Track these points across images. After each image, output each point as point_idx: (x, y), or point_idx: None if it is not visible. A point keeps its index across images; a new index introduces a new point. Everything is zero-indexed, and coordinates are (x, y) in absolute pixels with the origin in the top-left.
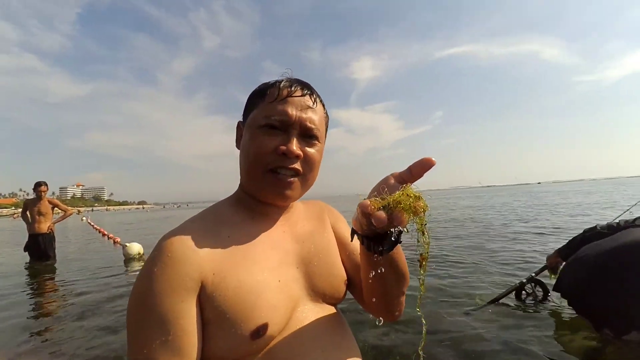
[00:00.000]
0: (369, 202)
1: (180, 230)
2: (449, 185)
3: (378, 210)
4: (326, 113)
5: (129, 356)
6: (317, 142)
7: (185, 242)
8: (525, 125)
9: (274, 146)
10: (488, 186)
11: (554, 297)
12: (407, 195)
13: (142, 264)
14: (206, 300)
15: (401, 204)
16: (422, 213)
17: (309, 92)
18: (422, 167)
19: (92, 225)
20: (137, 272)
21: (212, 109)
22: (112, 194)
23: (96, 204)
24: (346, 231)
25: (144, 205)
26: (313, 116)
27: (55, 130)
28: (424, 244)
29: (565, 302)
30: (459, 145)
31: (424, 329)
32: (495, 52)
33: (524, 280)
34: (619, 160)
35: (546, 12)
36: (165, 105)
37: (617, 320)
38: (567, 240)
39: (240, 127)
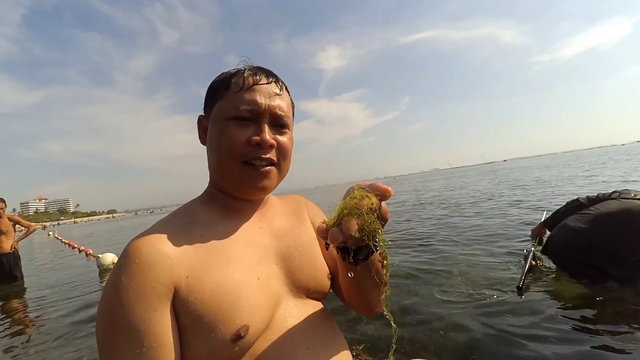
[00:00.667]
0: (324, 225)
1: (148, 233)
2: (419, 169)
3: (332, 227)
4: (292, 100)
5: None
6: (287, 130)
7: (154, 246)
8: (488, 106)
9: (246, 137)
10: (457, 167)
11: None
12: (353, 197)
13: None
14: (181, 306)
15: (346, 209)
16: (368, 212)
17: (274, 79)
18: (381, 191)
19: (61, 240)
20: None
21: (176, 108)
22: (78, 205)
23: (62, 217)
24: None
25: (114, 214)
26: (281, 103)
27: (4, 143)
28: (380, 242)
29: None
30: (427, 129)
31: (393, 328)
32: (455, 37)
33: (532, 255)
34: (576, 134)
35: None
36: (124, 107)
37: (594, 271)
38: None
39: (202, 121)
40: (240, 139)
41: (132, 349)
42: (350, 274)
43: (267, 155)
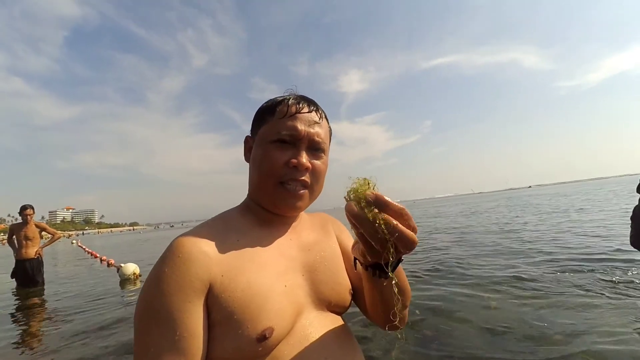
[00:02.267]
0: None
1: (191, 233)
2: (442, 193)
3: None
4: (330, 127)
5: (136, 354)
6: (323, 155)
7: (196, 244)
8: (510, 131)
9: (285, 159)
10: (480, 192)
11: None
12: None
13: (139, 284)
14: (214, 302)
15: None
16: (364, 190)
17: (314, 109)
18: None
19: (84, 249)
20: (134, 293)
21: (203, 127)
22: (103, 216)
23: (87, 227)
24: (349, 242)
25: (135, 227)
26: (319, 130)
27: (42, 153)
28: (384, 235)
29: None
30: (449, 153)
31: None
32: (477, 62)
33: None
34: (603, 161)
35: (520, 19)
36: (155, 124)
37: None
38: None
39: (248, 140)
40: (280, 160)
41: (166, 335)
42: (383, 291)
43: (303, 178)
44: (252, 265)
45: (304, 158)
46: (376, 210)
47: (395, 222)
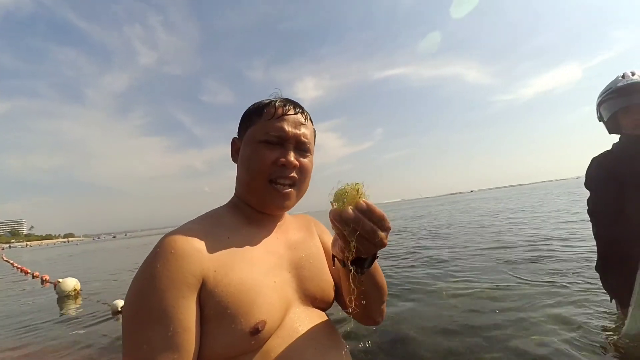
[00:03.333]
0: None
1: (182, 229)
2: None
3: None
4: (314, 128)
5: (126, 353)
6: (309, 154)
7: (188, 240)
8: (455, 140)
9: (274, 158)
10: (427, 197)
11: None
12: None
13: (81, 300)
14: (207, 297)
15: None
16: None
17: (300, 110)
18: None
19: (11, 263)
20: (75, 311)
21: (150, 129)
22: (32, 227)
23: (13, 239)
24: (330, 242)
25: (71, 238)
26: (305, 131)
27: None
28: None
29: None
30: (400, 159)
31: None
32: (424, 75)
33: None
34: (536, 167)
35: (464, 36)
36: (94, 125)
37: None
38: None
39: (235, 142)
40: (269, 159)
41: (159, 332)
42: (355, 287)
43: (291, 175)
44: (243, 261)
45: (292, 156)
46: (361, 216)
47: (375, 227)
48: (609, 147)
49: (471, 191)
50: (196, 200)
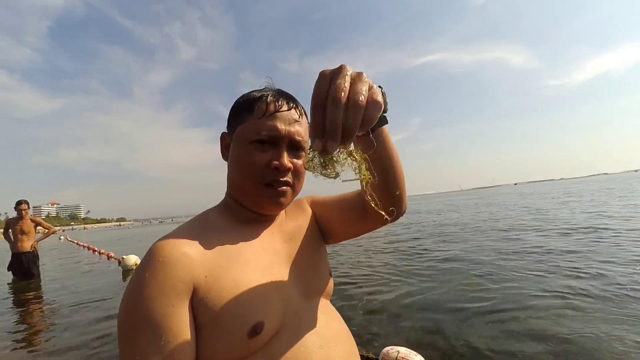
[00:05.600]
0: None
1: (171, 235)
2: (432, 190)
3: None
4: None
5: None
6: (303, 153)
7: (176, 246)
8: (497, 128)
9: (266, 161)
10: (468, 190)
11: None
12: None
13: None
14: (200, 303)
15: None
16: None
17: (294, 105)
18: None
19: (77, 243)
20: None
21: (192, 121)
22: (89, 211)
23: (72, 222)
24: (325, 196)
25: (122, 222)
26: (299, 129)
27: (23, 147)
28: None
29: None
30: (438, 150)
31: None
32: (464, 60)
33: None
34: (586, 160)
35: (507, 19)
36: (141, 118)
37: None
38: None
39: (225, 137)
40: (261, 162)
41: (151, 341)
42: (377, 151)
43: (285, 178)
44: (236, 263)
45: (286, 159)
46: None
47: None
48: None
49: (515, 184)
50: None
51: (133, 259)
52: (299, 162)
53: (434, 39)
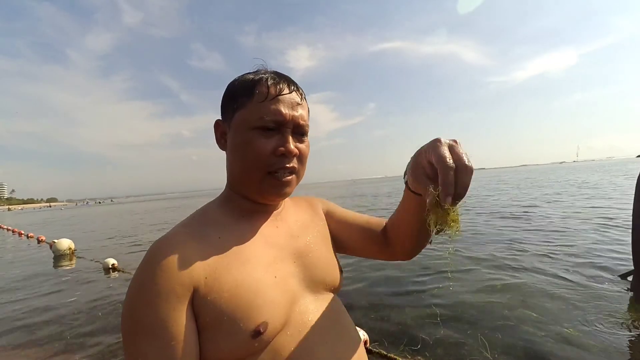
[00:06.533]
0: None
1: (169, 235)
2: (383, 174)
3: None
4: (308, 106)
5: None
6: (306, 137)
7: (174, 248)
8: (446, 119)
9: (272, 148)
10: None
11: None
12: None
13: (75, 259)
14: (201, 305)
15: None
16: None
17: (295, 88)
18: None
19: (1, 226)
20: (71, 269)
21: (136, 93)
22: (13, 190)
23: None
24: (342, 210)
25: (54, 203)
26: (303, 112)
27: None
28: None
29: None
30: (391, 137)
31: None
32: (422, 51)
33: None
34: (524, 150)
35: (465, 15)
36: (77, 88)
37: None
38: None
39: (220, 125)
40: (266, 149)
41: (153, 345)
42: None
43: (291, 165)
44: (237, 261)
45: (292, 144)
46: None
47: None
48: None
49: None
50: (183, 169)
51: (66, 243)
52: (303, 146)
53: (393, 26)
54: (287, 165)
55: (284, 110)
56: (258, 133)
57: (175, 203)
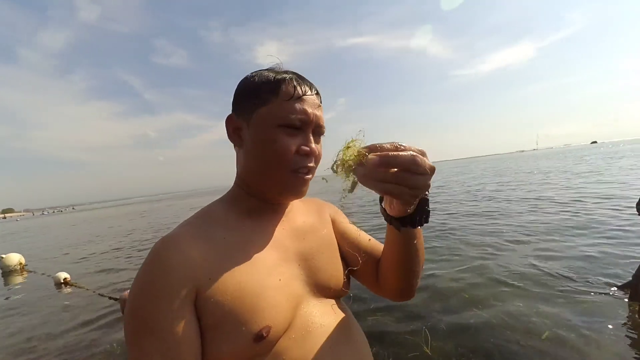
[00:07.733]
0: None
1: (173, 235)
2: None
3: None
4: None
5: None
6: (321, 139)
7: (178, 248)
8: (415, 111)
9: (296, 146)
10: None
11: None
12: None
13: (27, 274)
14: (203, 306)
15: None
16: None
17: (316, 91)
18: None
19: None
20: (21, 286)
21: (96, 93)
22: None
23: None
24: (347, 223)
25: (9, 214)
26: (321, 114)
27: None
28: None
29: None
30: (362, 131)
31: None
32: (389, 45)
33: None
34: (485, 141)
35: (430, 7)
36: (30, 89)
37: None
38: None
39: (234, 120)
40: (291, 148)
41: (156, 346)
42: (413, 245)
43: (311, 164)
44: (242, 262)
45: (314, 145)
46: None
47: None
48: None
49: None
50: (150, 170)
51: (16, 258)
52: (319, 147)
53: (363, 20)
54: (309, 164)
55: (310, 109)
56: (283, 131)
57: (142, 207)
